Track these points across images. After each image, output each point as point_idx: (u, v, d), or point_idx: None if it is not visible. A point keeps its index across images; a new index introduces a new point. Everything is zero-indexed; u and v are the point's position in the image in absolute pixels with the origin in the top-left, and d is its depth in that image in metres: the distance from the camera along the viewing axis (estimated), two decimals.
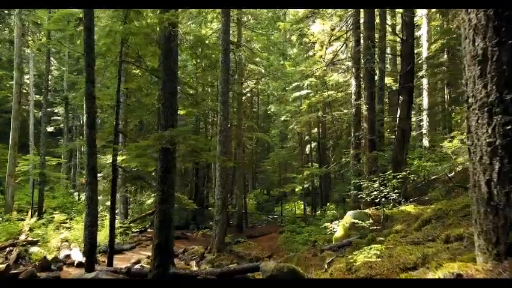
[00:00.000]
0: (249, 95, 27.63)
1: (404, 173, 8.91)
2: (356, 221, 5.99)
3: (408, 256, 3.71)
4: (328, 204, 25.07)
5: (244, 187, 22.55)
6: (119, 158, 9.40)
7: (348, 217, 9.05)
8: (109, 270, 8.55)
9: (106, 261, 12.50)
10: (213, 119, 23.83)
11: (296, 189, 24.24)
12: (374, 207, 9.87)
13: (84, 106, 12.82)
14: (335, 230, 9.74)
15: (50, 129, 28.05)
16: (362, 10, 13.77)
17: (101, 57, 10.97)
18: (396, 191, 9.31)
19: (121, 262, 12.43)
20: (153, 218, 17.57)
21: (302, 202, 25.44)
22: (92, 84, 8.63)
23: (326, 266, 5.44)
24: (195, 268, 11.84)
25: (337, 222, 9.83)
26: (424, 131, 22.00)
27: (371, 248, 3.61)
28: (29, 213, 19.36)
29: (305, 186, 23.52)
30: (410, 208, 8.85)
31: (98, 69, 10.41)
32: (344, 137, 21.78)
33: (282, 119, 24.80)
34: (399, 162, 12.43)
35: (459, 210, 5.77)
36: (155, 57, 9.52)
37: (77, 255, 11.66)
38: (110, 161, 9.28)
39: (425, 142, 22.25)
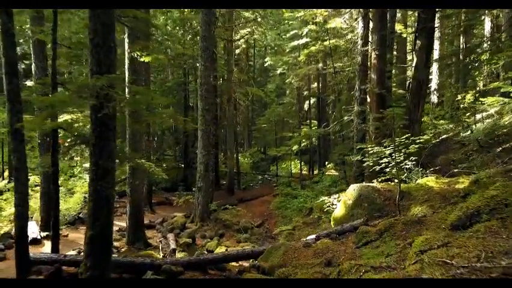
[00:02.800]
0: (244, 46, 24.71)
1: (426, 137, 6.68)
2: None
3: None
4: (326, 163, 23.15)
5: (236, 146, 20.46)
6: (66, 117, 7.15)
7: (351, 192, 6.96)
8: (50, 258, 6.64)
9: (68, 235, 10.80)
10: None
11: (293, 148, 22.17)
12: (382, 179, 7.77)
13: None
14: (334, 205, 7.72)
15: (30, 83, 25.51)
16: None
17: None
18: (412, 158, 7.18)
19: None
20: None
21: (299, 161, 23.47)
22: (8, 17, 6.17)
23: None
24: (171, 242, 10.01)
25: (336, 196, 7.76)
26: (434, 85, 19.53)
27: None
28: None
29: (303, 144, 21.36)
30: (431, 182, 6.74)
31: None
32: (345, 92, 19.27)
33: (278, 71, 22.13)
34: (413, 121, 10.15)
35: None
36: None
37: (34, 230, 9.82)
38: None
39: (434, 98, 19.87)
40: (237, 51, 25.48)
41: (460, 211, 4.23)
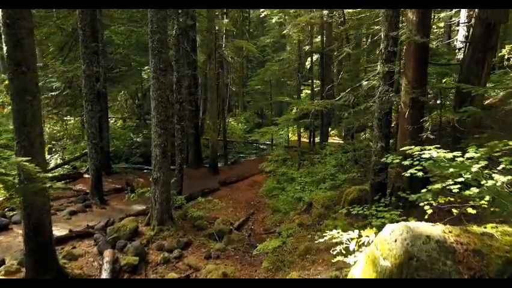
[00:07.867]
0: None
1: None
2: None
3: None
4: (330, 130, 19.44)
5: (223, 113, 16.60)
6: None
7: (388, 242, 3.26)
8: None
9: None
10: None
11: (292, 111, 18.34)
12: (440, 201, 4.04)
13: None
14: (350, 257, 3.99)
15: None
16: None
17: None
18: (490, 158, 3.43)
19: None
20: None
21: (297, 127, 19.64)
22: None
23: None
24: (105, 267, 6.64)
25: (352, 234, 4.04)
26: (460, 36, 15.20)
27: None
28: None
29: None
30: None
31: None
32: (352, 45, 14.93)
33: (274, 20, 17.68)
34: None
35: None
36: None
37: None
38: None
39: (459, 53, 15.59)
40: None
41: None
